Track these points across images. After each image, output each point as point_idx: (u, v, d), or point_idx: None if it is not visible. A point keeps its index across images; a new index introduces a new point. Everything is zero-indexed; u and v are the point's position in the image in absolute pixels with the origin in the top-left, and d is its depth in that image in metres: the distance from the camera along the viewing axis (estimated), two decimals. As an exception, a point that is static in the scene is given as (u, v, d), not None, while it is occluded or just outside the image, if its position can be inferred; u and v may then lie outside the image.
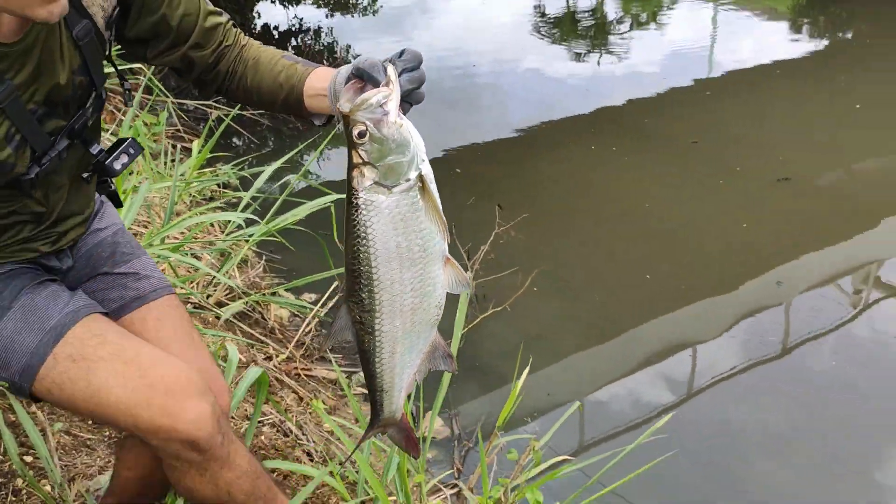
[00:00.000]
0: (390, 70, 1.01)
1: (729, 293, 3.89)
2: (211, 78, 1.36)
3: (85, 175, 1.32)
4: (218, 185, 3.76)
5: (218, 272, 2.67)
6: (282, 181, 3.62)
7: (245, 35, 1.38)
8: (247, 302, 2.88)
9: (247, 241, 2.93)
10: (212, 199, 3.61)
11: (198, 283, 2.83)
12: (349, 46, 7.08)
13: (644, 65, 6.75)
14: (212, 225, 3.36)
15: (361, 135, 0.98)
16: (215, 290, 2.83)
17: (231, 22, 1.36)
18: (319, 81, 1.25)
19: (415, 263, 1.03)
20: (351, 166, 1.01)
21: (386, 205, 0.99)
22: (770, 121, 5.53)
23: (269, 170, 3.08)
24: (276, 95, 1.30)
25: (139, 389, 1.21)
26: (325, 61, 6.70)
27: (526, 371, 2.33)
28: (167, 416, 1.21)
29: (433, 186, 1.03)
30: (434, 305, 1.09)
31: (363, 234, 1.00)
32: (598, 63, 6.91)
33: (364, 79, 1.03)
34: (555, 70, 6.72)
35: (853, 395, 3.17)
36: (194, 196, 3.45)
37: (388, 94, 0.99)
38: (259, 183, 3.08)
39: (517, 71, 6.68)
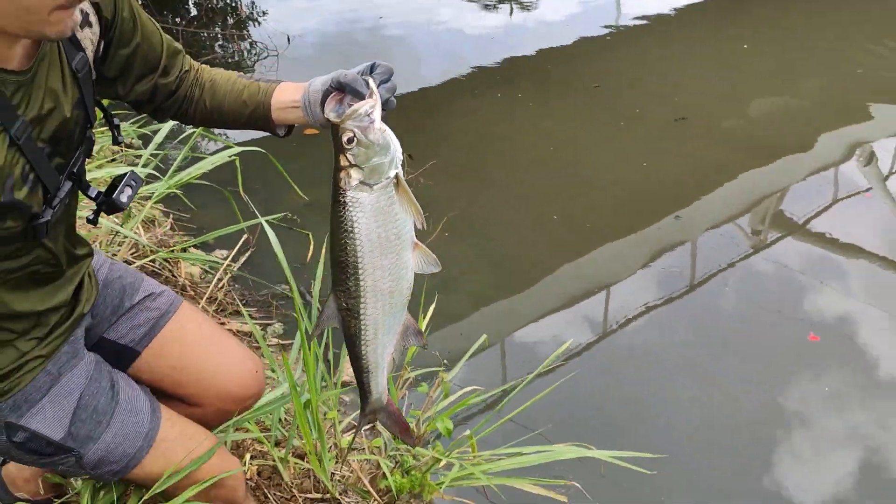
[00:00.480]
0: (371, 83, 1.13)
1: (636, 233, 4.07)
2: (169, 104, 1.38)
3: (90, 217, 1.34)
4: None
5: (121, 228, 2.64)
6: (182, 136, 3.57)
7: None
8: (154, 259, 2.85)
9: (149, 198, 2.89)
10: (113, 160, 3.53)
11: (100, 243, 2.79)
12: (253, 3, 6.91)
13: (552, 14, 6.85)
14: (114, 185, 3.28)
15: (350, 141, 1.09)
16: (120, 249, 2.79)
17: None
18: (288, 95, 1.31)
19: (392, 250, 1.17)
20: (338, 168, 1.12)
21: (369, 201, 1.12)
22: (667, 64, 5.72)
23: (168, 125, 3.02)
24: (239, 114, 1.36)
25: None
26: (229, 18, 6.53)
27: (432, 308, 2.41)
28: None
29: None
30: (406, 287, 1.22)
31: (350, 228, 1.12)
32: (510, 14, 6.96)
33: (346, 91, 1.14)
34: (464, 22, 6.74)
35: (756, 324, 3.40)
36: (93, 156, 3.36)
37: (374, 104, 1.11)
38: (159, 138, 3.02)
39: (427, 24, 6.67)
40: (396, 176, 1.15)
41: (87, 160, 1.28)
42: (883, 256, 3.83)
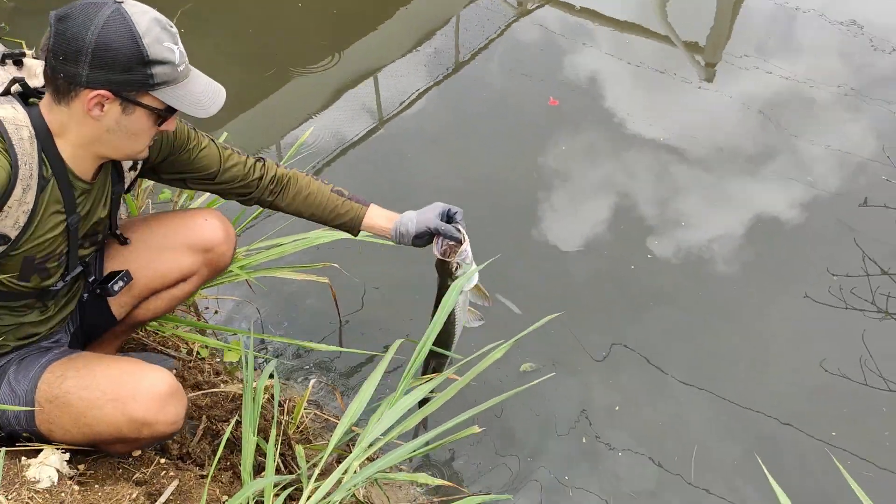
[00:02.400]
0: (462, 229, 1.70)
1: (391, 17, 3.96)
2: (246, 200, 1.74)
3: (86, 295, 1.57)
4: None
5: None
6: None
7: (283, 167, 1.75)
8: None
9: None
10: None
11: None
12: None
13: None
14: None
15: (457, 268, 1.70)
16: None
17: (257, 159, 1.71)
18: (379, 222, 1.77)
19: (462, 319, 1.80)
20: (445, 282, 1.72)
21: (462, 299, 1.74)
22: None
23: None
24: (327, 220, 1.77)
25: (106, 405, 1.38)
26: None
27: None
28: (146, 423, 1.38)
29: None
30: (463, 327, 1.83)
31: (452, 319, 1.73)
32: None
33: (445, 236, 1.70)
34: None
35: (509, 94, 3.53)
36: None
37: (467, 246, 1.69)
38: None
39: None
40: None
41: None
42: (624, 20, 4.06)
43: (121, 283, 1.56)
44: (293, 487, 1.49)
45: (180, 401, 1.44)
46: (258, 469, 1.71)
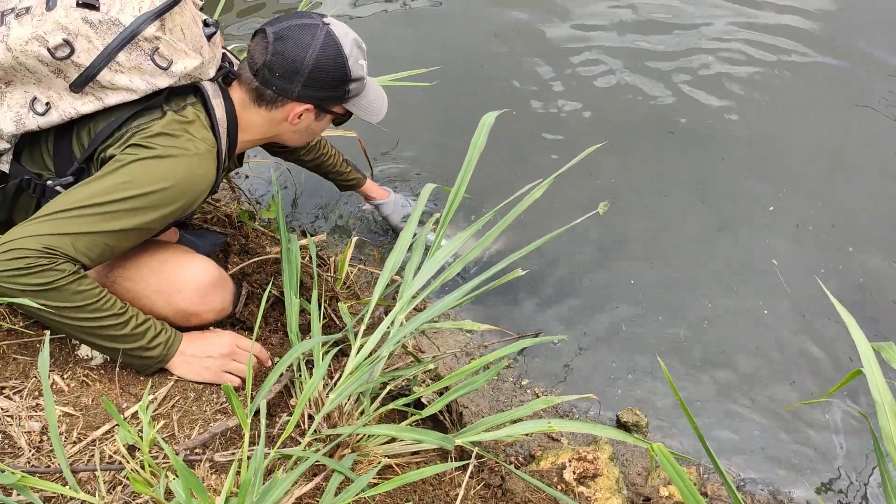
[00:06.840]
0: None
1: None
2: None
3: None
4: None
5: None
6: None
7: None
8: None
9: None
10: None
11: None
12: None
13: None
14: None
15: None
16: None
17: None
18: (374, 193, 2.11)
19: None
20: None
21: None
22: None
23: None
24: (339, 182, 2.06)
25: (152, 296, 1.38)
26: None
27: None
28: (193, 313, 1.41)
29: None
30: None
31: None
32: None
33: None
34: None
35: None
36: None
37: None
38: None
39: None
40: None
41: None
42: None
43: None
44: (345, 343, 1.48)
45: (225, 287, 1.44)
46: (309, 329, 1.71)
